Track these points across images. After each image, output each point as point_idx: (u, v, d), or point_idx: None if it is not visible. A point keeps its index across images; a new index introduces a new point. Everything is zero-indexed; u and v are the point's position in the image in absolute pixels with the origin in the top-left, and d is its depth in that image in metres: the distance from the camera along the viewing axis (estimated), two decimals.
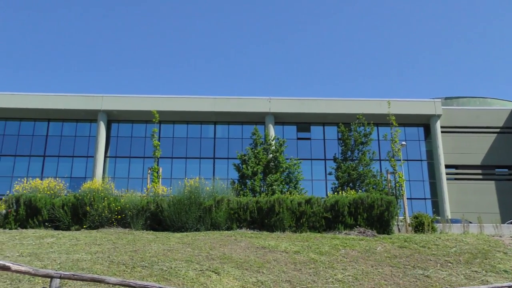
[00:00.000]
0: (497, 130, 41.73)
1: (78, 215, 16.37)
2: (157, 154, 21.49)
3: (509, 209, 38.19)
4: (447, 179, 39.52)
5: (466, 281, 10.64)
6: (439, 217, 25.81)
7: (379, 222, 16.13)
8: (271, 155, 27.40)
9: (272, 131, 38.34)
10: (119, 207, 16.24)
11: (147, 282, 8.72)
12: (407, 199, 21.42)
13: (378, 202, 16.28)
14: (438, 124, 40.64)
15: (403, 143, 24.83)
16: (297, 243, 13.35)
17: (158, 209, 16.28)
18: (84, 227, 15.97)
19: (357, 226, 15.86)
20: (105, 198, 16.36)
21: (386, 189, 22.22)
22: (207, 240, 13.36)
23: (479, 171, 40.81)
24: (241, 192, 24.16)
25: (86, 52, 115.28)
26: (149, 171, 20.85)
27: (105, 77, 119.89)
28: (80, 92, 59.28)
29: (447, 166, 40.09)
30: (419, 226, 17.23)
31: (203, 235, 14.28)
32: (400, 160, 21.95)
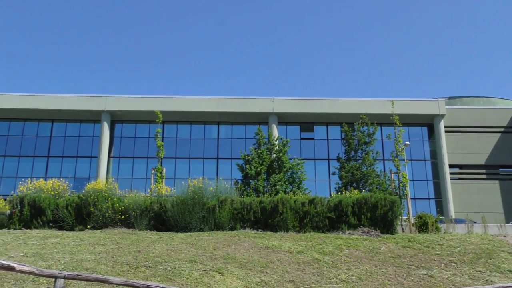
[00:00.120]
0: (501, 129, 41.59)
1: (82, 215, 16.42)
2: (160, 154, 21.52)
3: None
4: (451, 179, 39.42)
5: (471, 281, 10.61)
6: (443, 217, 25.80)
7: (383, 222, 16.10)
8: (274, 155, 27.37)
9: (275, 131, 38.33)
10: (122, 208, 16.27)
11: (151, 282, 8.73)
12: (411, 199, 21.42)
13: (381, 202, 16.25)
14: (442, 124, 40.54)
15: (407, 142, 24.78)
16: (300, 243, 13.34)
17: (161, 209, 16.30)
18: (88, 227, 16.00)
19: (361, 226, 15.83)
20: (109, 199, 16.39)
21: (390, 189, 22.20)
22: (210, 240, 13.37)
23: (483, 171, 40.68)
24: (244, 192, 24.15)
25: (89, 53, 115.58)
26: (153, 171, 20.89)
27: (109, 78, 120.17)
28: (83, 92, 59.51)
29: (451, 166, 39.99)
30: (423, 226, 17.19)
31: (206, 235, 14.28)
32: (403, 160, 21.91)
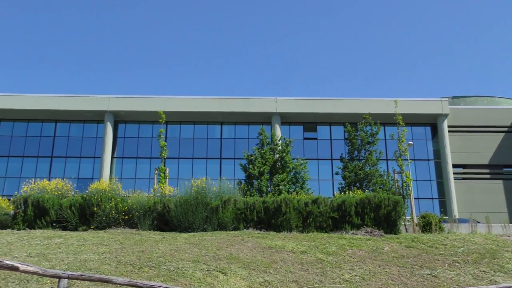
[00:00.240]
0: (505, 129, 41.50)
1: (85, 215, 16.44)
2: (163, 154, 21.54)
3: None
4: (454, 179, 39.34)
5: (474, 281, 10.58)
6: (447, 217, 25.74)
7: (386, 222, 16.06)
8: (277, 155, 27.38)
9: (278, 131, 38.32)
10: (126, 208, 16.29)
11: (154, 282, 8.74)
12: (414, 198, 21.36)
13: (385, 202, 16.22)
14: (445, 124, 40.47)
15: (410, 142, 24.73)
16: (304, 243, 13.33)
17: (165, 209, 16.31)
18: (92, 227, 16.02)
19: (364, 226, 15.81)
20: (112, 199, 16.41)
21: (393, 188, 22.16)
22: (214, 240, 13.37)
23: (487, 171, 40.60)
24: (247, 192, 24.15)
25: (92, 53, 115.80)
26: (156, 171, 20.91)
27: (112, 78, 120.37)
28: (87, 93, 59.57)
29: (454, 166, 39.91)
30: (426, 226, 17.15)
31: (210, 235, 14.29)
32: (407, 159, 21.87)
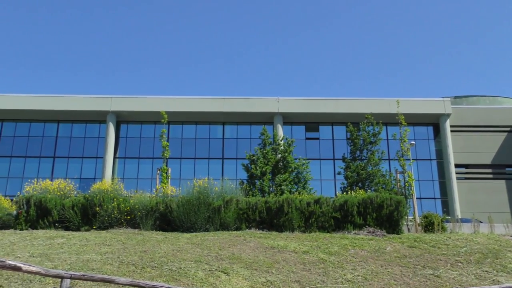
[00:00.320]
0: (508, 129, 41.43)
1: (88, 215, 16.45)
2: (166, 154, 21.56)
3: None
4: (457, 179, 39.31)
5: (477, 281, 10.56)
6: (449, 217, 25.74)
7: (389, 222, 16.04)
8: (279, 155, 27.38)
9: (280, 131, 38.35)
10: (128, 208, 16.30)
11: (156, 282, 8.74)
12: (417, 198, 21.33)
13: (387, 201, 16.20)
14: (448, 123, 40.43)
15: (412, 142, 24.72)
16: (306, 243, 13.32)
17: (167, 209, 16.32)
18: (94, 227, 16.03)
19: (367, 226, 15.79)
20: (115, 199, 16.42)
21: (396, 188, 22.15)
22: (216, 240, 13.37)
23: (489, 170, 40.54)
24: (250, 192, 24.15)
25: (94, 54, 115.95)
26: (158, 171, 20.91)
27: (114, 79, 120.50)
28: (89, 93, 59.64)
29: (457, 166, 39.87)
30: (429, 225, 17.12)
31: (212, 235, 14.29)
32: (409, 159, 21.86)
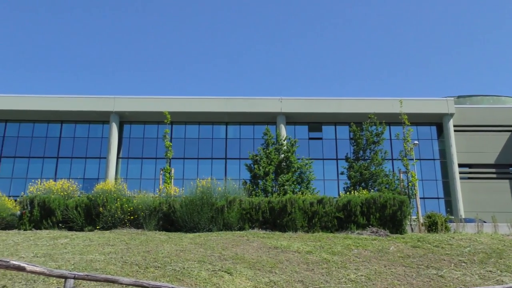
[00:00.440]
0: (511, 128, 41.30)
1: (91, 216, 16.49)
2: (169, 155, 21.58)
3: None
4: (460, 178, 39.20)
5: (481, 281, 10.53)
6: (453, 217, 25.65)
7: (392, 221, 16.02)
8: (282, 155, 27.37)
9: (283, 131, 38.32)
10: (131, 208, 16.32)
11: (160, 282, 8.75)
12: (420, 198, 21.29)
13: (390, 201, 16.18)
14: (451, 123, 40.33)
15: (416, 142, 24.67)
16: (309, 243, 13.31)
17: (170, 209, 16.33)
18: (97, 228, 16.06)
19: (370, 226, 15.78)
20: (118, 199, 16.45)
21: (399, 188, 22.10)
22: (219, 240, 13.38)
23: (493, 170, 40.43)
24: (253, 192, 24.17)
25: (97, 54, 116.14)
26: (161, 172, 20.93)
27: (117, 79, 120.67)
28: (92, 94, 59.71)
29: (460, 165, 39.77)
30: (432, 225, 17.10)
31: (215, 235, 14.29)
32: (412, 159, 21.81)
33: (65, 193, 17.74)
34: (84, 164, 40.54)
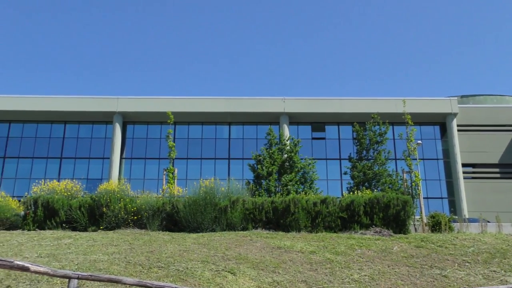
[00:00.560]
0: None
1: (94, 216, 16.53)
2: (172, 155, 21.61)
3: None
4: (464, 178, 39.09)
5: (485, 281, 10.51)
6: (456, 217, 25.61)
7: (395, 221, 16.01)
8: (286, 155, 27.37)
9: (286, 131, 38.29)
10: (135, 208, 16.35)
11: (163, 282, 8.77)
12: (424, 198, 21.28)
13: (394, 201, 16.17)
14: (455, 123, 40.23)
15: (419, 142, 24.65)
16: (312, 243, 13.31)
17: (173, 210, 16.36)
18: (101, 228, 16.10)
19: (373, 226, 15.77)
20: (121, 199, 16.47)
21: (402, 188, 22.09)
22: (222, 240, 13.38)
23: (497, 170, 40.29)
24: (256, 192, 24.16)
25: (101, 55, 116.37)
26: (165, 172, 20.95)
27: (120, 79, 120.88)
28: (95, 94, 59.77)
29: (464, 165, 39.66)
30: (436, 225, 17.07)
31: (218, 235, 14.30)
32: (416, 159, 21.80)
33: (69, 193, 17.79)
34: (88, 164, 40.60)
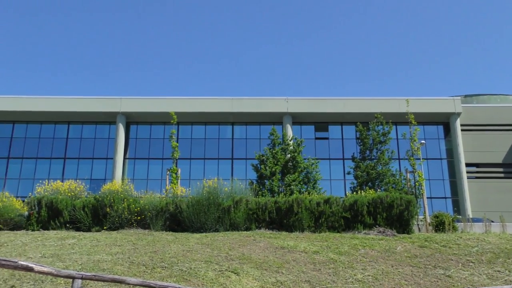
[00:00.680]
0: None
1: (98, 216, 16.56)
2: (175, 155, 21.61)
3: None
4: (468, 178, 38.97)
5: (489, 281, 10.48)
6: (460, 216, 25.55)
7: (399, 221, 15.98)
8: (289, 155, 27.35)
9: (290, 131, 38.26)
10: (138, 208, 16.37)
11: (167, 282, 8.77)
12: (427, 198, 21.24)
13: (397, 201, 16.14)
14: (458, 122, 40.13)
15: (423, 141, 24.60)
16: (316, 243, 13.30)
17: (177, 210, 16.37)
18: (105, 228, 16.13)
19: (377, 226, 15.75)
20: (125, 200, 16.50)
21: (406, 188, 22.04)
22: (226, 240, 13.39)
23: (501, 169, 40.16)
24: (259, 192, 24.16)
25: (104, 55, 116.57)
26: (168, 172, 20.97)
27: (123, 80, 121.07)
28: (98, 94, 59.75)
29: (467, 165, 39.55)
30: (439, 225, 17.04)
31: (222, 235, 14.31)
32: (419, 158, 21.75)
33: (73, 193, 17.83)
34: (91, 164, 40.66)
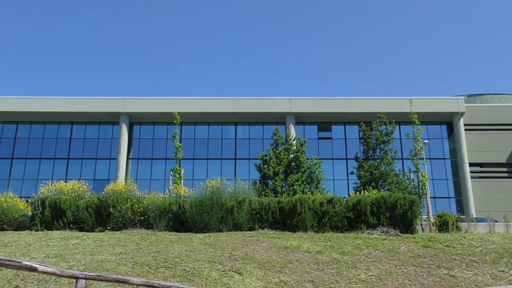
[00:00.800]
0: None
1: (102, 216, 16.59)
2: (178, 155, 21.62)
3: None
4: (471, 178, 38.89)
5: (493, 281, 10.45)
6: (464, 216, 25.52)
7: (402, 221, 15.96)
8: (292, 155, 27.34)
9: (293, 131, 38.24)
10: (142, 209, 16.39)
11: (170, 282, 8.77)
12: (431, 198, 21.20)
13: (401, 201, 16.11)
14: (462, 122, 40.04)
15: (426, 141, 24.55)
16: (319, 243, 13.29)
17: (180, 210, 16.38)
18: (108, 228, 16.15)
19: (380, 226, 15.72)
20: (128, 200, 16.52)
21: (409, 188, 22.02)
22: (229, 240, 13.39)
23: (504, 169, 40.06)
24: (262, 192, 24.15)
25: (107, 56, 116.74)
26: (171, 172, 20.97)
27: (127, 80, 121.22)
28: (102, 95, 59.79)
29: (471, 164, 39.46)
30: (443, 225, 17.00)
31: (225, 235, 14.31)
32: (423, 158, 21.72)
33: (76, 194, 17.86)
34: (95, 165, 40.73)
